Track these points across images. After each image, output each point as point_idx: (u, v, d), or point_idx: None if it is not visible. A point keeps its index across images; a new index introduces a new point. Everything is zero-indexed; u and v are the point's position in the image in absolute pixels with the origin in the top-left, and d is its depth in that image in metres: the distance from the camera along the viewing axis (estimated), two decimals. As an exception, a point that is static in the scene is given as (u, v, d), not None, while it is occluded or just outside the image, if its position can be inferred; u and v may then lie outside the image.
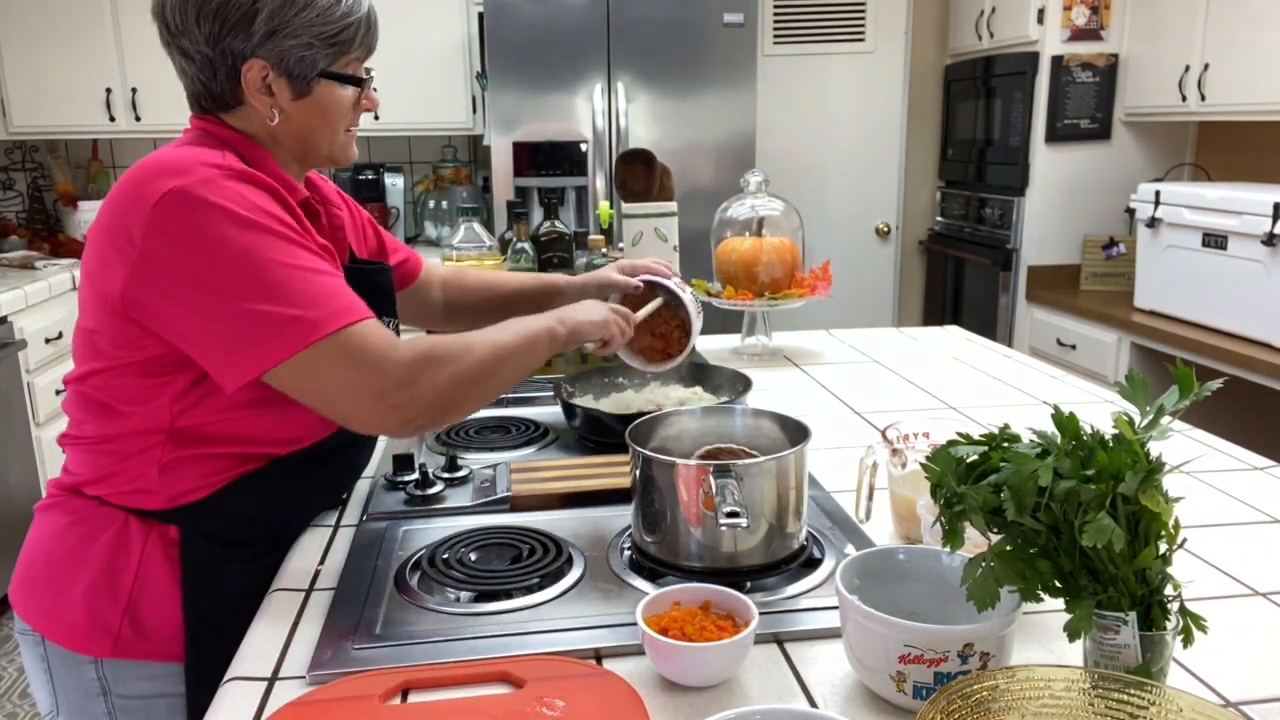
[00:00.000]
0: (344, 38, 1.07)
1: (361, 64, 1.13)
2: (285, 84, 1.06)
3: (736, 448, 1.08)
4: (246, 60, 1.03)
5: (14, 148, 4.00)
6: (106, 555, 1.07)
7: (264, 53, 1.03)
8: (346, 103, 1.12)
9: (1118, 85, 3.54)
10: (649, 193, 1.83)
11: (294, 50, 1.04)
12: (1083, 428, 0.77)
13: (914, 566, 0.89)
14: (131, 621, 1.08)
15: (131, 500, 1.07)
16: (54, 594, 1.09)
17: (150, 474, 1.05)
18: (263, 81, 1.05)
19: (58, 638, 1.09)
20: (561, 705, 0.80)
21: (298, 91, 1.07)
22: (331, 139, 1.13)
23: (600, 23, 3.31)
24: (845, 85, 4.23)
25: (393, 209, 4.01)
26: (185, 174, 0.97)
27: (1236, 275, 2.80)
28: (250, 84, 1.05)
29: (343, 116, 1.12)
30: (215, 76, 1.05)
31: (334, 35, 1.06)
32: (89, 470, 1.08)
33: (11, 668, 2.83)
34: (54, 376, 3.29)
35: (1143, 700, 0.69)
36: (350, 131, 1.15)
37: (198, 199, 0.95)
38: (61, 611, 1.08)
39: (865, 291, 4.41)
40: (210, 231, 0.94)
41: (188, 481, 1.06)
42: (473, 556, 1.07)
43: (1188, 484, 1.31)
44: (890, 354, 2.06)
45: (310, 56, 1.05)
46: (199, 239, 0.94)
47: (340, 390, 0.97)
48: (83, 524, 1.08)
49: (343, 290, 1.00)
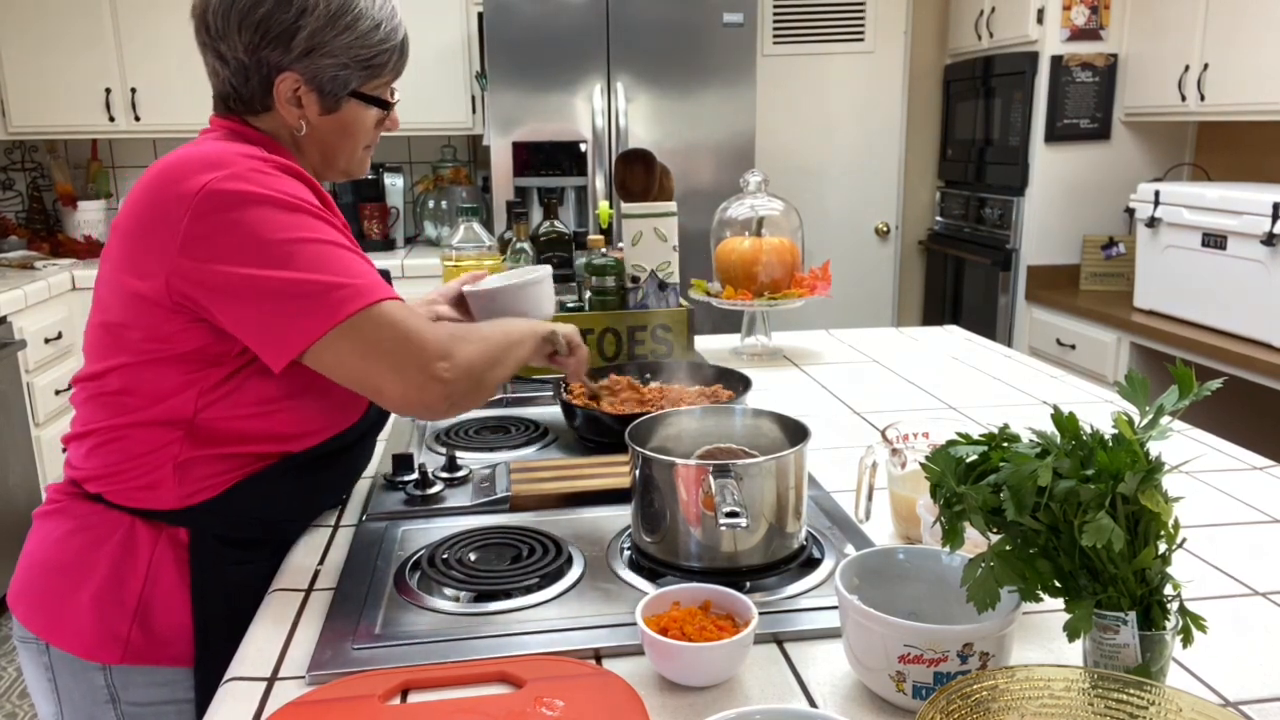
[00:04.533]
0: (378, 62, 1.11)
1: (389, 87, 1.16)
2: (315, 99, 1.09)
3: (736, 448, 1.08)
4: (281, 73, 1.07)
5: (14, 148, 4.00)
6: (114, 560, 1.07)
7: (300, 68, 1.07)
8: (370, 122, 1.16)
9: (1117, 85, 3.54)
10: (649, 193, 1.83)
11: (329, 69, 1.08)
12: (1082, 428, 0.77)
13: (914, 566, 0.89)
14: (141, 627, 1.07)
15: (139, 499, 1.07)
16: (59, 601, 1.08)
17: (165, 471, 1.05)
18: (294, 94, 1.08)
19: (65, 645, 1.08)
20: (561, 705, 0.80)
21: (327, 108, 1.10)
22: (351, 155, 1.17)
23: (600, 23, 3.31)
24: (845, 85, 4.23)
25: (392, 209, 4.01)
26: (223, 167, 0.99)
27: (1236, 275, 2.80)
28: (281, 95, 1.08)
29: (365, 134, 1.16)
30: (247, 83, 1.08)
31: (369, 59, 1.10)
32: (97, 466, 1.07)
33: (11, 668, 2.83)
34: (54, 377, 3.30)
35: (1142, 700, 0.69)
36: (369, 149, 1.19)
37: (238, 190, 0.98)
38: (67, 619, 1.07)
39: (865, 291, 4.41)
40: (253, 216, 0.97)
41: (201, 480, 1.07)
42: (472, 556, 1.07)
43: (1188, 484, 1.31)
44: (890, 354, 2.06)
45: (344, 76, 1.09)
46: (244, 226, 0.97)
47: (386, 361, 1.00)
48: (87, 529, 1.08)
49: (375, 272, 1.04)
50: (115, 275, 1.04)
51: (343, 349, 0.99)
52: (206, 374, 1.04)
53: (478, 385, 1.08)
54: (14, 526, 3.07)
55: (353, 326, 0.98)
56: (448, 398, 1.03)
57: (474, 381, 1.06)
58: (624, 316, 1.80)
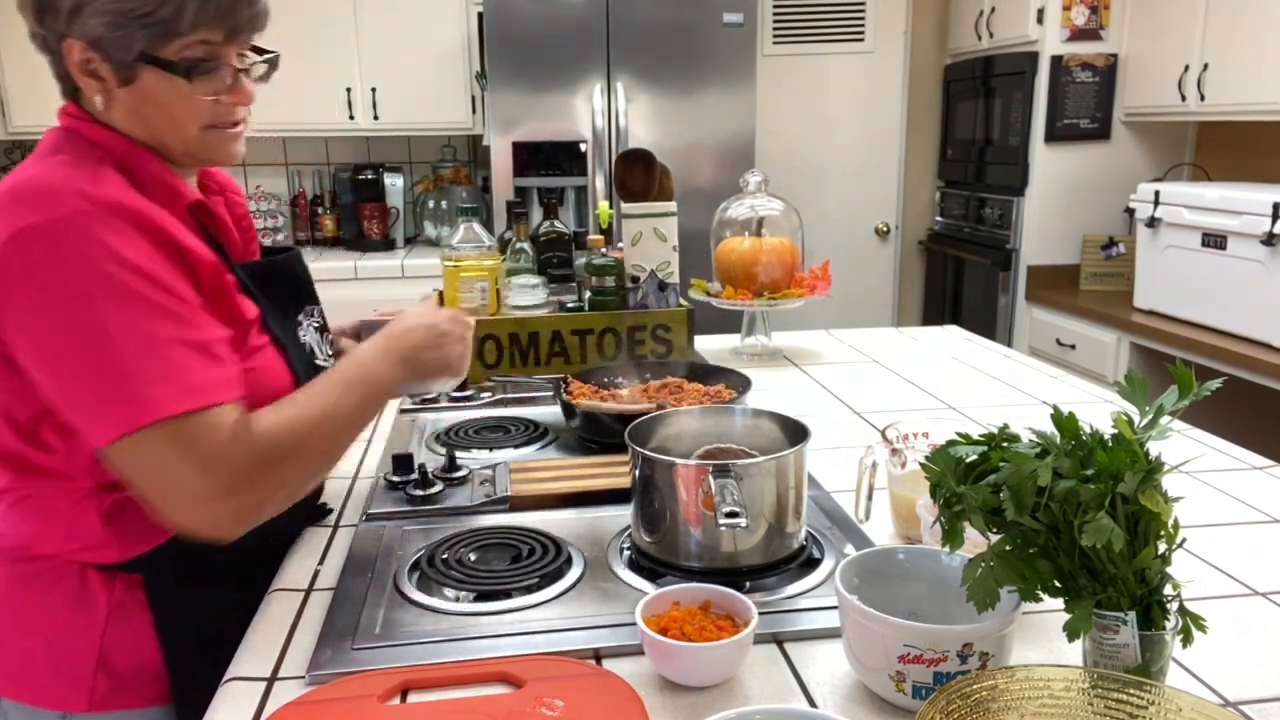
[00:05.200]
0: (161, 15, 0.93)
1: (220, 48, 0.97)
2: (109, 69, 0.95)
3: (736, 448, 1.09)
4: (64, 40, 0.94)
5: (13, 148, 4.00)
6: (69, 608, 1.00)
7: (76, 31, 0.93)
8: (187, 92, 0.97)
9: (1117, 85, 3.54)
10: (648, 193, 1.83)
11: (103, 28, 0.92)
12: (1082, 428, 0.77)
13: (913, 566, 0.89)
14: (106, 672, 1.01)
15: (83, 556, 1.00)
16: (10, 654, 1.02)
17: (93, 525, 0.98)
18: (86, 64, 0.95)
19: (22, 697, 1.01)
20: (561, 705, 0.80)
21: (122, 78, 0.95)
22: (181, 134, 0.99)
23: (600, 23, 3.31)
24: (845, 85, 4.23)
25: (392, 209, 4.01)
26: (47, 208, 0.88)
27: (1236, 275, 2.80)
28: (75, 66, 0.95)
29: (189, 109, 0.98)
30: (55, 60, 0.97)
31: (145, 13, 0.92)
32: (19, 530, 1.00)
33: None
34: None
35: (1142, 700, 0.69)
36: (215, 128, 1.00)
37: (54, 246, 0.86)
38: (22, 670, 1.01)
39: (865, 291, 4.41)
40: (63, 287, 0.86)
41: (137, 527, 0.98)
42: (472, 557, 1.07)
43: (1187, 484, 1.31)
44: (890, 354, 2.06)
45: (122, 38, 0.93)
46: (52, 292, 0.86)
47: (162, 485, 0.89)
48: (35, 579, 1.01)
49: (206, 366, 0.90)
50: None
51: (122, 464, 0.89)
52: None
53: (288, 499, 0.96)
54: None
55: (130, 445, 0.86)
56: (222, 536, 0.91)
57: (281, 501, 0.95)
58: (624, 316, 1.80)
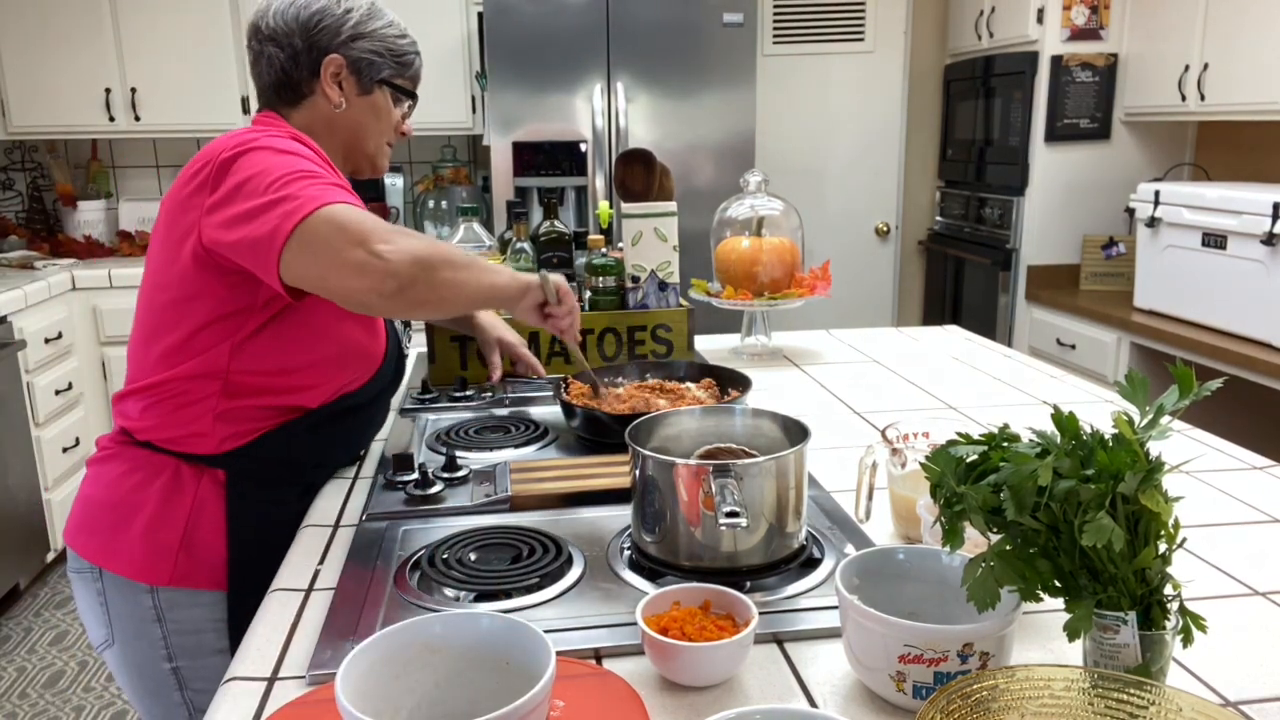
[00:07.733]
0: (404, 60, 1.36)
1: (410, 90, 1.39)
2: (354, 81, 1.32)
3: (736, 448, 1.09)
4: (328, 54, 1.29)
5: (13, 148, 4.00)
6: (163, 496, 1.24)
7: (344, 51, 1.30)
8: (394, 114, 1.38)
9: (1117, 85, 3.54)
10: (649, 193, 1.83)
11: (367, 54, 1.31)
12: (1082, 427, 0.77)
13: (914, 566, 0.89)
14: (187, 552, 1.24)
15: (184, 445, 1.24)
16: (114, 532, 1.25)
17: (206, 421, 1.23)
18: (335, 75, 1.30)
19: (118, 569, 1.25)
20: (561, 705, 0.80)
21: (362, 89, 1.33)
22: (377, 140, 1.38)
23: (600, 23, 3.31)
24: (845, 85, 4.23)
25: (392, 209, 4.01)
26: (250, 138, 1.18)
27: (1236, 275, 2.80)
28: (327, 74, 1.30)
29: (388, 124, 1.38)
30: (299, 67, 1.29)
31: (399, 54, 1.35)
32: (149, 417, 1.24)
33: (11, 668, 2.83)
34: (53, 377, 3.30)
35: (1142, 700, 0.69)
36: (390, 145, 1.41)
37: (253, 146, 1.16)
38: (121, 547, 1.25)
39: (865, 291, 4.41)
40: (254, 159, 1.14)
41: (235, 429, 1.24)
42: (472, 556, 1.07)
43: (1188, 484, 1.31)
44: (890, 354, 2.06)
45: (378, 63, 1.33)
46: (245, 167, 1.14)
47: (328, 253, 1.08)
48: (138, 470, 1.26)
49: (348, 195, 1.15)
50: (159, 247, 1.22)
51: (303, 258, 1.09)
52: (237, 329, 1.20)
53: (427, 275, 1.12)
54: (15, 527, 3.07)
55: (299, 234, 1.08)
56: (393, 276, 1.09)
57: (421, 268, 1.11)
58: (624, 316, 1.80)
